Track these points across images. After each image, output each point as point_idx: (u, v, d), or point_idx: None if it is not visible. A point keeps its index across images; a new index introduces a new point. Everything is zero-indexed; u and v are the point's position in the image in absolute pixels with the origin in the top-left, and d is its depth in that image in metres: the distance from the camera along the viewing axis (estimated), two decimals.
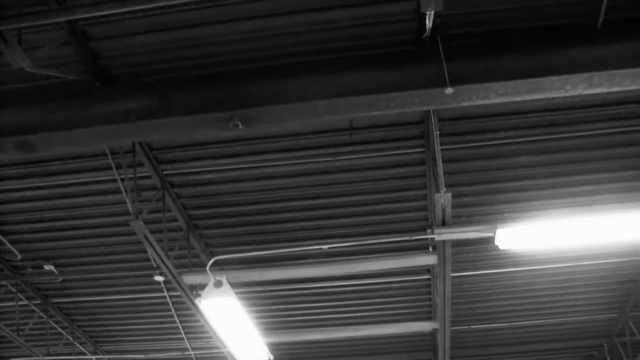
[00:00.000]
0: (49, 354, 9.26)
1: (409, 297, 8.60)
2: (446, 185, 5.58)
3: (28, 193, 6.67)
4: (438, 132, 5.28)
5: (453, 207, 5.83)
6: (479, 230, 5.95)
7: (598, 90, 4.41)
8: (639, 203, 5.81)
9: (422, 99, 4.49)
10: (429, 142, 5.88)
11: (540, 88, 4.39)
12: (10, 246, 7.52)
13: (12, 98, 4.91)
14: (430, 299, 8.52)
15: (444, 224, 5.88)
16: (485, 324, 9.33)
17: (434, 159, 5.60)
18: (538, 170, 6.35)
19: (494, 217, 6.66)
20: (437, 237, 6.02)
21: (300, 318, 9.01)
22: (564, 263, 7.80)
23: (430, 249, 6.94)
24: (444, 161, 5.75)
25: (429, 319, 8.86)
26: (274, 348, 8.35)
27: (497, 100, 4.48)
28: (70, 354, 9.59)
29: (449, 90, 4.37)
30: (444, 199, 5.58)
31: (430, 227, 6.15)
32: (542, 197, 6.65)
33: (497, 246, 5.97)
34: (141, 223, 5.99)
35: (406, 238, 6.60)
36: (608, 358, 10.04)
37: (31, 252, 7.70)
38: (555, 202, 6.67)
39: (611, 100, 5.61)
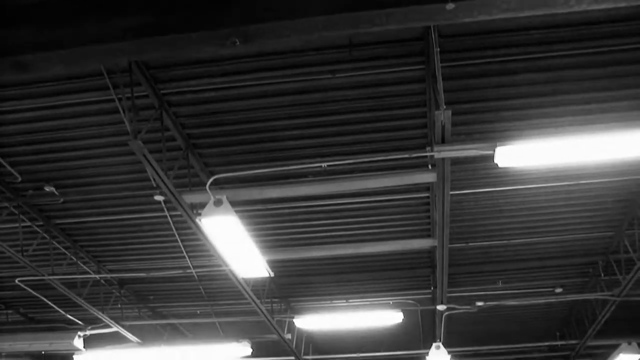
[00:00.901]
0: (53, 274, 9.41)
1: (408, 215, 8.68)
2: (446, 103, 5.54)
3: (27, 114, 6.64)
4: (438, 49, 5.19)
5: (453, 124, 5.79)
6: (478, 148, 5.93)
7: (603, 6, 4.30)
8: None
9: (422, 15, 4.37)
10: (429, 59, 5.80)
11: (544, 3, 4.27)
12: (10, 168, 7.53)
13: (6, 17, 4.81)
14: (429, 217, 8.60)
15: (443, 141, 5.86)
16: (484, 242, 9.44)
17: (434, 76, 5.53)
18: (539, 88, 6.30)
19: (493, 135, 6.59)
20: (436, 155, 6.01)
21: (300, 236, 9.13)
22: (563, 181, 7.83)
23: (430, 166, 6.94)
24: (444, 78, 5.69)
25: (428, 236, 8.96)
26: (274, 265, 8.48)
27: (499, 16, 4.38)
28: (74, 274, 9.75)
29: (450, 6, 4.25)
30: (443, 116, 5.54)
31: (430, 144, 6.14)
32: (543, 115, 6.62)
33: (496, 164, 5.96)
34: (140, 143, 5.97)
35: (405, 155, 6.60)
36: (602, 275, 10.22)
37: (31, 174, 7.71)
38: (557, 120, 6.65)
39: (617, 16, 5.50)
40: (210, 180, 6.52)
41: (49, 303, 10.69)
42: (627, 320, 11.80)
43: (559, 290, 10.88)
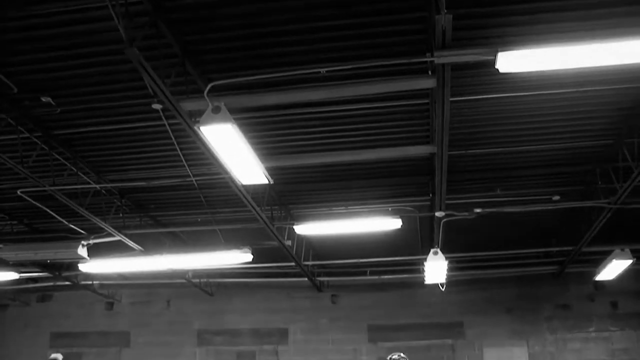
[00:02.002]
0: (54, 185, 9.47)
1: (407, 122, 8.64)
2: (447, 7, 5.40)
3: (19, 23, 6.49)
4: None
5: (453, 29, 5.65)
6: (479, 54, 5.85)
7: None
8: None
9: None
10: None
11: None
12: (5, 79, 7.44)
13: None
14: (428, 124, 8.55)
15: (443, 46, 5.77)
16: (483, 149, 9.44)
17: None
18: None
19: (495, 41, 6.50)
20: (436, 60, 5.93)
21: (299, 143, 9.12)
22: (564, 89, 7.74)
23: (430, 72, 6.85)
24: None
25: (427, 143, 8.94)
26: (273, 173, 8.49)
27: None
28: (75, 184, 9.81)
29: None
30: (444, 20, 5.43)
31: (430, 50, 6.04)
32: (546, 20, 6.46)
33: (497, 70, 5.89)
34: (135, 50, 5.87)
35: (405, 61, 6.50)
36: (599, 183, 10.29)
37: (26, 84, 7.62)
38: (559, 25, 6.49)
39: None
40: (208, 87, 6.45)
41: (52, 213, 10.81)
42: (622, 227, 11.95)
43: (556, 198, 10.96)
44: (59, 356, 5.24)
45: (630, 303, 14.86)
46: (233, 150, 7.08)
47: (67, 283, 15.10)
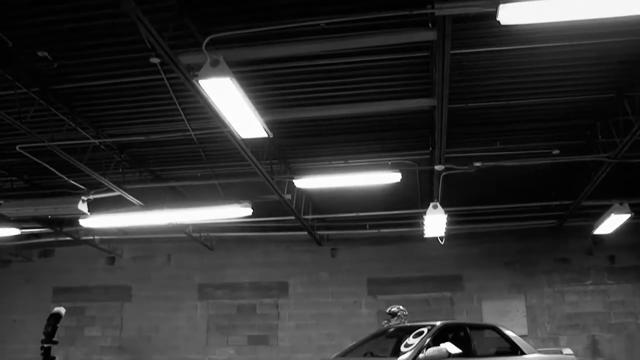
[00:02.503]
0: (53, 140, 9.44)
1: (407, 75, 8.58)
2: None
3: None
4: None
5: None
6: (481, 5, 5.78)
7: None
8: None
9: None
10: None
11: None
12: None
13: None
14: (428, 77, 8.49)
15: None
16: (483, 102, 9.40)
17: None
18: None
19: None
20: (437, 12, 5.86)
21: (298, 96, 9.06)
22: (566, 41, 7.67)
23: (430, 24, 6.78)
24: None
25: (427, 96, 8.89)
26: (273, 126, 8.46)
27: None
28: (74, 140, 9.78)
29: None
30: None
31: (431, 1, 5.96)
32: None
33: (498, 22, 5.81)
34: (132, 3, 5.80)
35: (406, 13, 6.41)
36: (600, 137, 10.27)
37: (22, 39, 7.53)
38: None
39: None
40: (206, 40, 6.39)
41: (52, 169, 10.80)
42: (621, 182, 11.98)
43: (556, 152, 10.94)
44: (62, 310, 5.32)
45: (627, 257, 14.99)
46: (232, 104, 7.06)
47: (68, 238, 15.19)
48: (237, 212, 11.40)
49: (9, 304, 16.64)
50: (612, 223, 13.06)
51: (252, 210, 11.41)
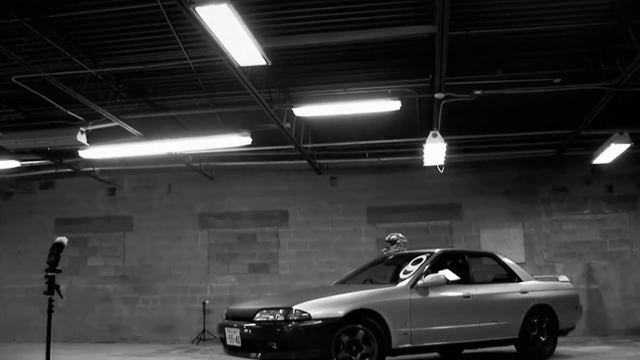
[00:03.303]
0: (49, 71, 9.36)
1: (407, 1, 8.43)
2: None
3: None
4: None
5: None
6: None
7: None
8: None
9: None
10: None
11: None
12: None
13: None
14: (429, 2, 8.33)
15: None
16: (484, 30, 9.25)
17: None
18: None
19: None
20: None
21: (296, 23, 8.91)
22: None
23: None
24: None
25: (427, 23, 8.76)
26: (271, 54, 8.35)
27: None
28: (70, 70, 9.69)
29: None
30: None
31: None
32: None
33: None
34: None
35: None
36: (602, 66, 10.17)
37: None
38: None
39: None
40: None
41: (49, 100, 10.72)
42: (622, 111, 11.93)
43: (557, 80, 10.85)
44: (64, 239, 5.39)
45: (625, 186, 15.06)
46: (229, 31, 6.96)
47: (68, 170, 15.23)
48: (237, 141, 11.40)
49: (12, 235, 16.81)
50: (611, 152, 13.06)
51: (251, 140, 11.40)
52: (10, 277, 16.63)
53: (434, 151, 12.18)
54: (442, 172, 13.67)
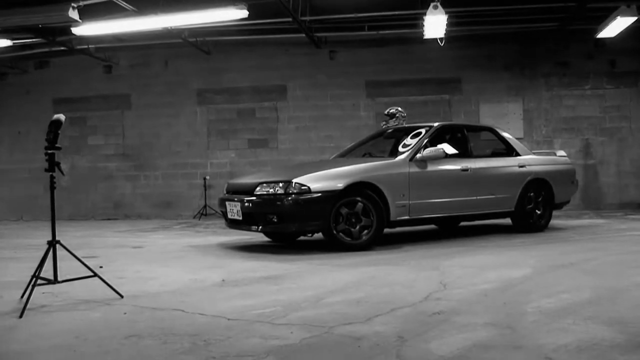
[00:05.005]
0: None
1: None
2: None
3: None
4: None
5: None
6: None
7: None
8: None
9: None
10: None
11: None
12: None
13: None
14: None
15: None
16: None
17: None
18: None
19: None
20: None
21: None
22: None
23: None
24: None
25: None
26: None
27: None
28: None
29: None
30: None
31: None
32: None
33: None
34: None
35: None
36: None
37: None
38: None
39: None
40: None
41: None
42: None
43: None
44: (62, 116, 5.34)
45: (628, 61, 14.86)
46: None
47: (63, 49, 14.93)
48: (232, 14, 11.12)
49: (11, 117, 16.77)
50: (616, 26, 12.76)
51: (247, 12, 11.11)
52: (12, 158, 16.75)
53: (435, 23, 11.91)
54: (442, 45, 13.44)
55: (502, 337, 3.86)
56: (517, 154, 10.21)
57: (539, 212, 10.12)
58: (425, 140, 9.08)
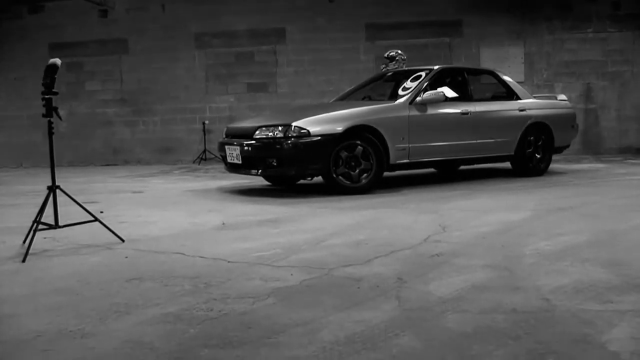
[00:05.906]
0: None
1: None
2: None
3: None
4: None
5: None
6: None
7: None
8: None
9: None
10: None
11: None
12: None
13: None
14: None
15: None
16: None
17: None
18: None
19: None
20: None
21: None
22: None
23: None
24: None
25: None
26: None
27: None
28: None
29: None
30: None
31: None
32: None
33: None
34: None
35: None
36: None
37: None
38: None
39: None
40: None
41: None
42: None
43: None
44: (57, 60, 5.27)
45: (632, 4, 14.64)
46: None
47: None
48: None
49: (7, 63, 16.56)
50: None
51: None
52: (10, 105, 16.60)
53: None
54: None
55: (500, 279, 3.90)
56: (518, 98, 10.14)
57: (538, 156, 10.11)
58: (425, 84, 9.00)
